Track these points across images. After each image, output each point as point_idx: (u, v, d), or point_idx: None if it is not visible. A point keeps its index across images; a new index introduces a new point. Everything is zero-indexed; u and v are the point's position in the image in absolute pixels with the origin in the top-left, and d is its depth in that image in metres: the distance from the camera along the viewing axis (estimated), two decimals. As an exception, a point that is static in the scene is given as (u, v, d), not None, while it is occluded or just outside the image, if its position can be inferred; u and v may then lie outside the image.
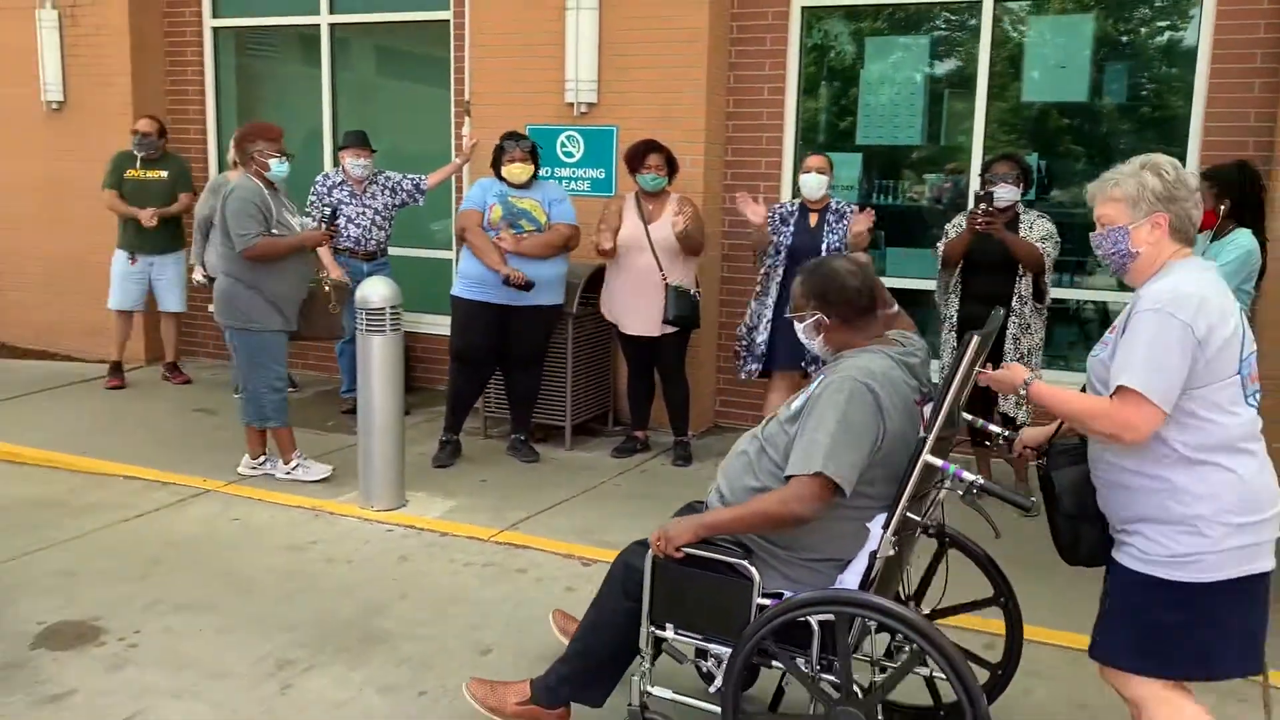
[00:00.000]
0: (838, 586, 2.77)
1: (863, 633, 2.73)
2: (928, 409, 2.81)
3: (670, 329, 5.80)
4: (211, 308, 5.57)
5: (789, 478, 2.73)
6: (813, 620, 2.67)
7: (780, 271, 5.55)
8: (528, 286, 5.57)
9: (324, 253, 6.10)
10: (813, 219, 5.60)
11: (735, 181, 6.63)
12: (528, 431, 6.13)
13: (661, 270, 5.73)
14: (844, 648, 2.63)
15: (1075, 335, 6.32)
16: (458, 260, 6.16)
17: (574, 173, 6.69)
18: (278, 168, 5.32)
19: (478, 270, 5.68)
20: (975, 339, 2.60)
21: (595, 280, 6.18)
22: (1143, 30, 5.97)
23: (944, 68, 6.39)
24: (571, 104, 6.58)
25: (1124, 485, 2.52)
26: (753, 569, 2.78)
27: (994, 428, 3.14)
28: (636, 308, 5.84)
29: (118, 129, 7.80)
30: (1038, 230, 5.12)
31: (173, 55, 8.30)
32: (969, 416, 3.25)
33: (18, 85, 8.35)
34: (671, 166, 5.83)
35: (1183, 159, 5.63)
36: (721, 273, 6.78)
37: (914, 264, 6.41)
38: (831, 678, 2.70)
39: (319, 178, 6.79)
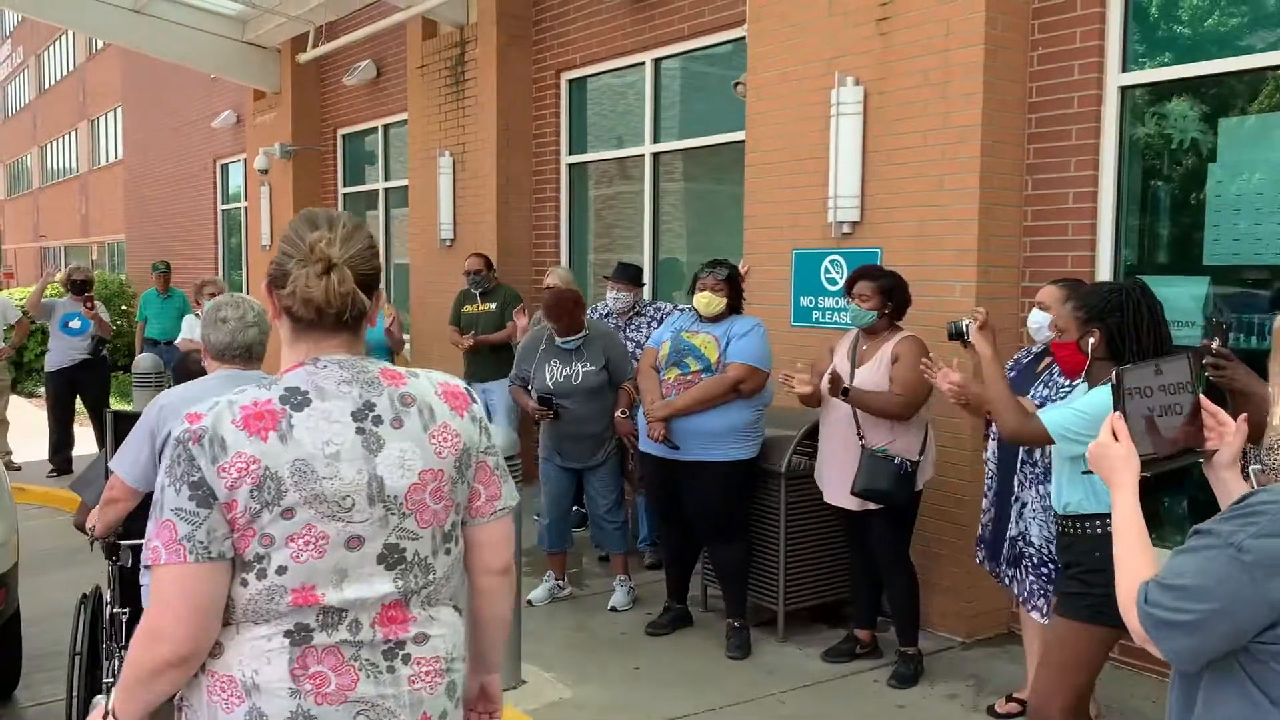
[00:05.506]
0: None
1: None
2: None
3: (873, 505, 4.53)
4: None
5: None
6: None
7: (992, 426, 4.10)
8: (673, 446, 4.76)
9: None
10: (1042, 364, 4.09)
11: (1036, 313, 5.12)
12: (740, 615, 5.09)
13: (859, 427, 4.53)
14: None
15: None
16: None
17: (837, 303, 5.66)
18: None
19: (643, 420, 4.95)
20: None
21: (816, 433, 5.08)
22: None
23: (1330, 151, 4.40)
24: (833, 224, 5.61)
25: None
26: None
27: None
28: (833, 471, 4.68)
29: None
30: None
31: (538, 191, 8.67)
32: None
33: (430, 222, 9.30)
34: (894, 298, 4.62)
35: None
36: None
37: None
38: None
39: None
